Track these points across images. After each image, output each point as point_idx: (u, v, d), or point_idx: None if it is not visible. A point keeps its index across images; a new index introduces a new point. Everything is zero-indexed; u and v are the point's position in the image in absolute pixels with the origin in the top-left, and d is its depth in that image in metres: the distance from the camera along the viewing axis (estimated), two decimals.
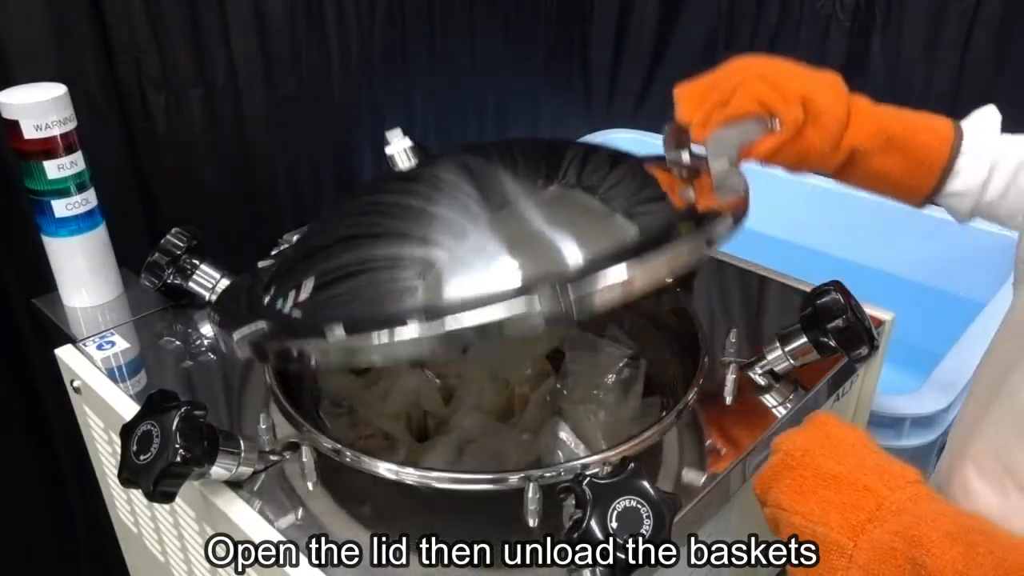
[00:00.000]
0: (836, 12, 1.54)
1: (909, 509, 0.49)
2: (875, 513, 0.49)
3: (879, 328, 0.75)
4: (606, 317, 0.85)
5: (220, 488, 0.61)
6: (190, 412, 0.56)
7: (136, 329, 0.82)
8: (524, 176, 0.61)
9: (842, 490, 0.51)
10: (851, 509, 0.50)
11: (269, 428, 0.65)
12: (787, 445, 0.55)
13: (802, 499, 0.52)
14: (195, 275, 0.83)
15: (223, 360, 0.77)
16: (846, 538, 0.49)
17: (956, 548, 0.45)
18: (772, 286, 0.86)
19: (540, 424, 0.77)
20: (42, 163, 0.78)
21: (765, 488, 0.55)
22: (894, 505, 0.49)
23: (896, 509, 0.49)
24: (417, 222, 0.58)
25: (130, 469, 0.55)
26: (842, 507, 0.50)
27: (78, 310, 0.85)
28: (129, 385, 0.73)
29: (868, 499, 0.50)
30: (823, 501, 0.51)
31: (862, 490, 0.50)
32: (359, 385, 0.82)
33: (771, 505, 0.54)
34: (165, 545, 0.75)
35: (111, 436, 0.75)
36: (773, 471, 0.55)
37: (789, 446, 0.55)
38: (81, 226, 0.82)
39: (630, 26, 1.71)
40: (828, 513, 0.50)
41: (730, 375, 0.71)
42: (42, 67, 0.90)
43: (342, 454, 0.62)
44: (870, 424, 0.86)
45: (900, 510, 0.49)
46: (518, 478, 0.59)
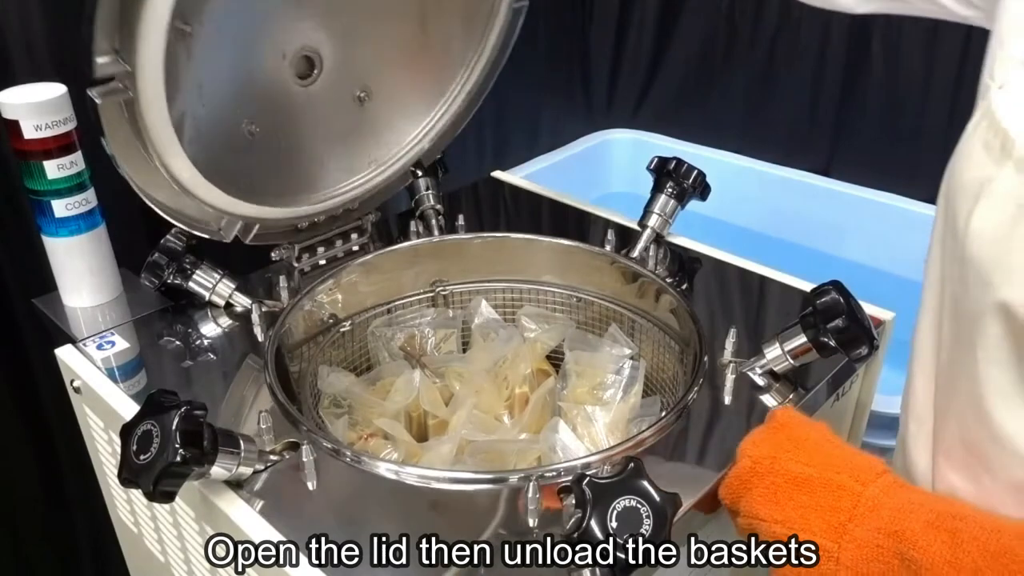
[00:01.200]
0: (836, 12, 1.54)
1: (885, 503, 0.49)
2: (853, 512, 0.49)
3: (879, 328, 0.75)
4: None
5: (220, 488, 0.61)
6: (190, 412, 0.56)
7: (136, 329, 0.82)
8: None
9: (816, 492, 0.51)
10: (829, 511, 0.50)
11: (269, 428, 0.65)
12: (753, 452, 0.55)
13: (778, 507, 0.52)
14: (195, 275, 0.83)
15: (223, 360, 0.77)
16: (830, 541, 0.49)
17: (940, 537, 0.46)
18: (772, 286, 0.86)
19: (540, 424, 0.77)
20: (42, 163, 0.78)
21: (735, 497, 0.55)
22: (870, 500, 0.49)
23: (873, 504, 0.49)
24: None
25: (130, 469, 0.55)
26: (820, 510, 0.50)
27: (78, 310, 0.85)
28: (129, 385, 0.73)
29: (844, 498, 0.50)
30: (800, 507, 0.51)
31: (836, 489, 0.50)
32: (359, 385, 0.82)
33: (745, 515, 0.54)
34: (165, 545, 0.75)
35: (111, 436, 0.75)
36: (741, 480, 0.55)
37: (755, 453, 0.55)
38: (81, 226, 0.82)
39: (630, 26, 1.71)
40: (807, 518, 0.50)
41: (730, 375, 0.71)
42: (42, 67, 0.90)
43: (342, 454, 0.62)
44: (870, 424, 0.86)
45: (877, 505, 0.49)
46: (518, 478, 0.60)
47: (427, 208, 0.95)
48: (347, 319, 0.88)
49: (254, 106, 0.81)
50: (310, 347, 0.83)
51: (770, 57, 1.66)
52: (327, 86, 0.86)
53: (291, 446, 0.64)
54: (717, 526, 0.64)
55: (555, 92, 1.64)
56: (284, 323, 0.79)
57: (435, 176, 0.98)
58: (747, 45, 1.67)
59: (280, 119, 0.84)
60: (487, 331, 0.89)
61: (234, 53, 0.78)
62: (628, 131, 1.81)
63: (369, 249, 0.92)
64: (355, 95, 0.89)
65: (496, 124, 1.51)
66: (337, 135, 0.89)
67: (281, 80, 0.83)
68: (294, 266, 0.88)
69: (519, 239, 0.91)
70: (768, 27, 1.64)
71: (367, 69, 0.89)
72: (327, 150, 0.89)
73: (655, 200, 0.90)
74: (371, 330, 0.89)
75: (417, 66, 0.93)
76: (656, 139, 1.79)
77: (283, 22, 0.80)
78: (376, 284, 0.89)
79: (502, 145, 1.53)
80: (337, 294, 0.87)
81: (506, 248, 0.92)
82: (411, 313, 0.92)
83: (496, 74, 0.97)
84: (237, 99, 0.80)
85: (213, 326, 0.82)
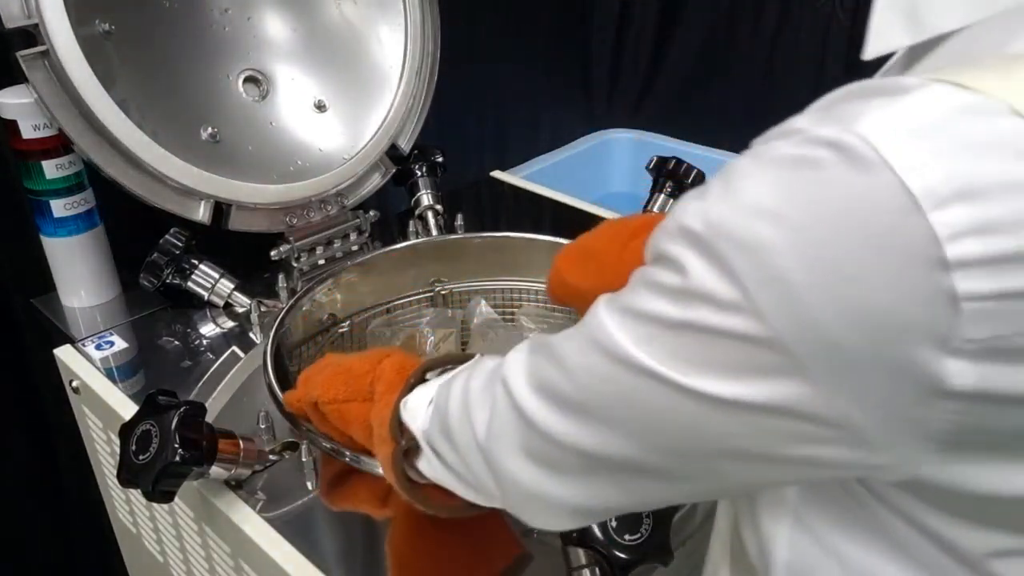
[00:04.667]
0: (836, 12, 1.53)
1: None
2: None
3: None
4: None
5: (219, 488, 0.61)
6: (189, 412, 0.56)
7: (135, 329, 0.82)
8: None
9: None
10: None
11: (269, 428, 0.65)
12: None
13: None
14: (194, 275, 0.82)
15: (222, 360, 0.77)
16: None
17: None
18: None
19: None
20: (40, 163, 0.78)
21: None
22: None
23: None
24: None
25: (129, 469, 0.55)
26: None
27: (77, 310, 0.85)
28: (128, 385, 0.73)
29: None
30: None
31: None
32: None
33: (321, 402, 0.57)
34: (164, 545, 0.75)
35: (110, 436, 0.74)
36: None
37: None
38: (80, 226, 0.82)
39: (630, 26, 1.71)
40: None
41: None
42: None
43: (341, 454, 0.62)
44: None
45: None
46: None
47: (426, 208, 0.95)
48: (346, 319, 0.87)
49: (214, 115, 0.84)
50: (309, 347, 0.83)
51: (770, 57, 1.66)
52: (282, 100, 0.89)
53: (290, 446, 0.64)
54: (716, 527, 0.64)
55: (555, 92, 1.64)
56: (283, 323, 0.79)
57: (434, 176, 0.98)
58: (747, 45, 1.67)
59: (240, 127, 0.86)
60: (486, 331, 0.89)
61: (173, 66, 0.81)
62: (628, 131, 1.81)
63: (368, 249, 0.92)
64: (313, 103, 0.92)
65: (496, 124, 1.51)
66: (302, 137, 0.91)
67: (235, 94, 0.86)
68: (293, 266, 0.88)
69: (519, 239, 0.91)
70: (768, 27, 1.64)
71: (316, 81, 0.92)
72: (291, 149, 0.90)
73: (654, 199, 0.90)
74: (370, 330, 0.88)
75: (359, 58, 0.95)
76: (656, 139, 1.79)
77: (219, 48, 0.85)
78: (375, 284, 0.89)
79: (502, 145, 1.53)
80: (336, 294, 0.87)
81: (506, 248, 0.91)
82: (410, 313, 0.91)
83: (436, 39, 0.99)
84: (190, 107, 0.83)
85: (212, 326, 0.82)
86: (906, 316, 0.28)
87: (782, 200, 0.30)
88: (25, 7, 0.70)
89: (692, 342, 0.32)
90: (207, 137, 0.82)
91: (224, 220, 0.84)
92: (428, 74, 0.99)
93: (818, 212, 0.29)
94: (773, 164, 0.31)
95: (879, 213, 0.28)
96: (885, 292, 0.28)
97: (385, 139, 0.94)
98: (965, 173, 0.27)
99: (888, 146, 0.28)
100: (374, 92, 0.95)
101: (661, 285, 0.33)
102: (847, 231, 0.28)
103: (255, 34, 0.87)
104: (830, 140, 0.29)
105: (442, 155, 0.99)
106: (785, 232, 0.29)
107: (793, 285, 0.29)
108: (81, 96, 0.72)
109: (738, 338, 0.31)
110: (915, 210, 0.27)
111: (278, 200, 0.86)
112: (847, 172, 0.28)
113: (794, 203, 0.29)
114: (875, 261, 0.28)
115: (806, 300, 0.29)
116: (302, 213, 0.88)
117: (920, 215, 0.27)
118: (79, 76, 0.72)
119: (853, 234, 0.28)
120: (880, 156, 0.28)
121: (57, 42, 0.70)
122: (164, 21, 0.80)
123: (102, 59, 0.74)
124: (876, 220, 0.28)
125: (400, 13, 0.95)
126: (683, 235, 0.33)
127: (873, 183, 0.28)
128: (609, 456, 0.37)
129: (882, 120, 0.29)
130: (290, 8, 0.90)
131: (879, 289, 0.28)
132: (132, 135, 0.75)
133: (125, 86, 0.76)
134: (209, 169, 0.80)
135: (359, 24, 0.95)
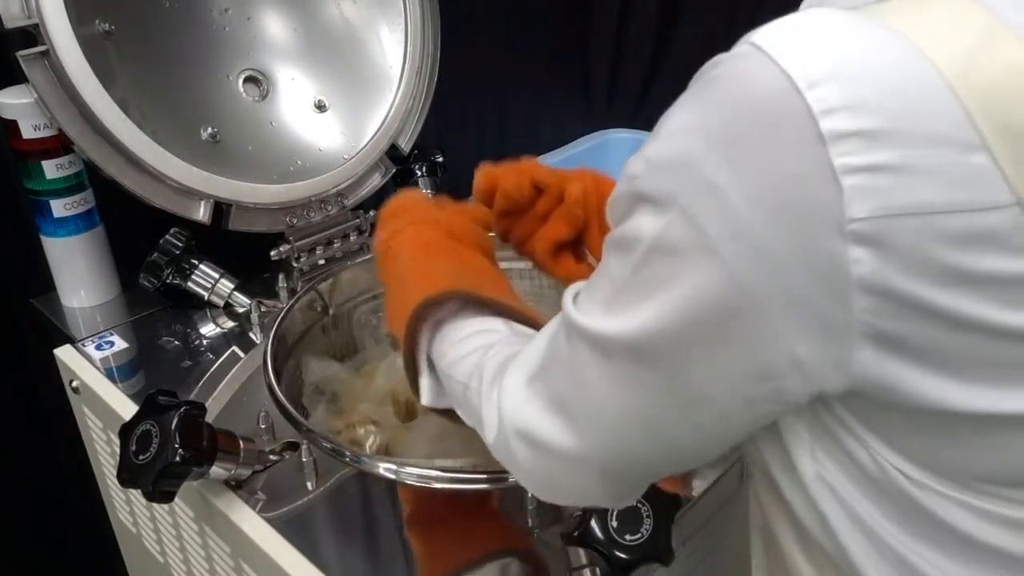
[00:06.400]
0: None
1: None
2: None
3: None
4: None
5: (219, 488, 0.61)
6: (189, 412, 0.56)
7: (135, 329, 0.82)
8: None
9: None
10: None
11: (269, 428, 0.65)
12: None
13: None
14: (194, 275, 0.82)
15: (222, 360, 0.77)
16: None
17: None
18: None
19: None
20: (40, 163, 0.78)
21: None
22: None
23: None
24: None
25: (129, 469, 0.55)
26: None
27: (76, 310, 0.85)
28: (128, 385, 0.73)
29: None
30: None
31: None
32: (344, 371, 0.82)
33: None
34: (164, 545, 0.75)
35: (110, 436, 0.74)
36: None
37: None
38: (80, 226, 0.82)
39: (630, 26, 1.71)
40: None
41: None
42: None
43: (341, 454, 0.62)
44: None
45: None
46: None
47: None
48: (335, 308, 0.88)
49: (214, 115, 0.84)
50: (304, 342, 0.83)
51: None
52: (283, 100, 0.89)
53: (291, 446, 0.64)
54: (715, 527, 0.64)
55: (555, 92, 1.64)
56: (283, 323, 0.79)
57: (434, 176, 0.98)
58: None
59: (240, 127, 0.86)
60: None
61: (173, 66, 0.81)
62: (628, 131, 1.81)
63: (368, 249, 0.92)
64: (313, 103, 0.92)
65: (496, 124, 1.51)
66: (302, 137, 0.91)
67: (235, 94, 0.86)
68: (293, 266, 0.88)
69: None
70: None
71: (316, 81, 0.92)
72: (291, 148, 0.90)
73: None
74: (357, 317, 0.88)
75: (359, 58, 0.95)
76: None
77: (219, 48, 0.85)
78: (375, 283, 0.89)
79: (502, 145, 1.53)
80: (336, 293, 0.87)
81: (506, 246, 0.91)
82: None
83: (436, 39, 0.99)
84: (190, 106, 0.83)
85: (212, 326, 0.82)
86: (807, 199, 0.31)
87: (698, 112, 0.34)
88: (25, 7, 0.70)
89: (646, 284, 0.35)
90: (207, 137, 0.82)
91: (224, 220, 0.84)
92: (428, 74, 0.99)
93: (724, 113, 0.33)
94: (690, 92, 0.35)
95: (769, 100, 0.31)
96: (789, 179, 0.31)
97: (385, 139, 0.94)
98: (836, 57, 0.31)
99: (772, 45, 0.32)
100: (374, 92, 0.95)
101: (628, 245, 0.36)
102: (750, 123, 0.32)
103: (255, 34, 0.87)
104: (732, 53, 0.34)
105: (442, 155, 0.99)
106: (704, 138, 0.33)
107: (721, 189, 0.32)
108: (81, 96, 0.72)
109: (669, 251, 0.34)
110: (794, 91, 0.31)
111: (278, 200, 0.86)
112: (743, 73, 0.33)
113: (707, 112, 0.33)
114: (775, 148, 0.31)
115: (734, 202, 0.32)
116: (302, 213, 0.88)
117: (799, 95, 0.31)
118: (79, 76, 0.72)
119: (754, 124, 0.32)
120: (765, 53, 0.32)
121: (57, 42, 0.70)
122: (164, 21, 0.80)
123: (102, 59, 0.74)
124: (768, 108, 0.32)
125: (400, 13, 0.95)
126: (628, 182, 0.36)
127: (761, 74, 0.32)
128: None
129: (769, 29, 0.33)
130: (290, 8, 0.90)
131: (785, 176, 0.31)
132: (132, 135, 0.75)
133: (125, 86, 0.77)
134: (209, 169, 0.80)
135: (359, 24, 0.95)
